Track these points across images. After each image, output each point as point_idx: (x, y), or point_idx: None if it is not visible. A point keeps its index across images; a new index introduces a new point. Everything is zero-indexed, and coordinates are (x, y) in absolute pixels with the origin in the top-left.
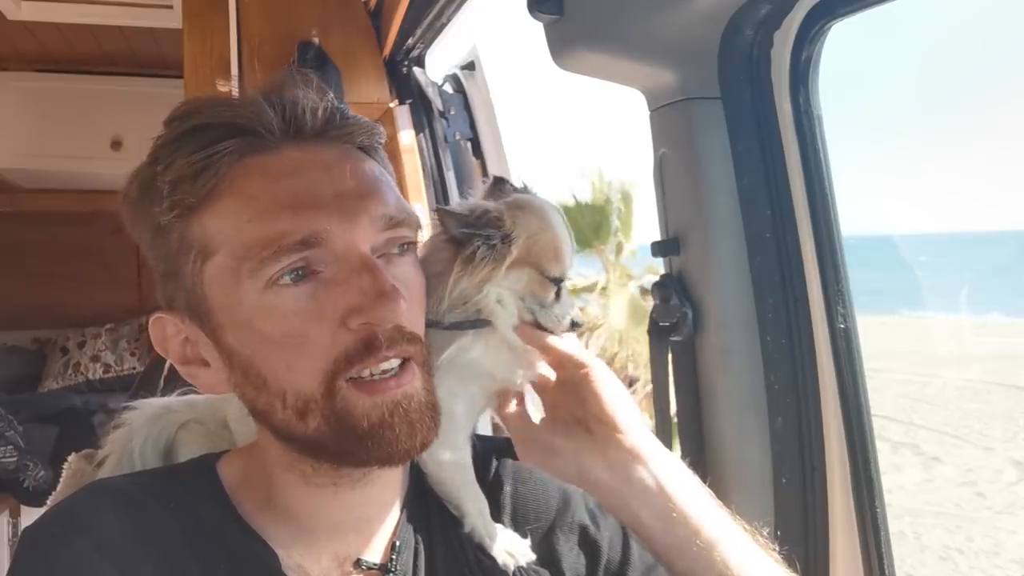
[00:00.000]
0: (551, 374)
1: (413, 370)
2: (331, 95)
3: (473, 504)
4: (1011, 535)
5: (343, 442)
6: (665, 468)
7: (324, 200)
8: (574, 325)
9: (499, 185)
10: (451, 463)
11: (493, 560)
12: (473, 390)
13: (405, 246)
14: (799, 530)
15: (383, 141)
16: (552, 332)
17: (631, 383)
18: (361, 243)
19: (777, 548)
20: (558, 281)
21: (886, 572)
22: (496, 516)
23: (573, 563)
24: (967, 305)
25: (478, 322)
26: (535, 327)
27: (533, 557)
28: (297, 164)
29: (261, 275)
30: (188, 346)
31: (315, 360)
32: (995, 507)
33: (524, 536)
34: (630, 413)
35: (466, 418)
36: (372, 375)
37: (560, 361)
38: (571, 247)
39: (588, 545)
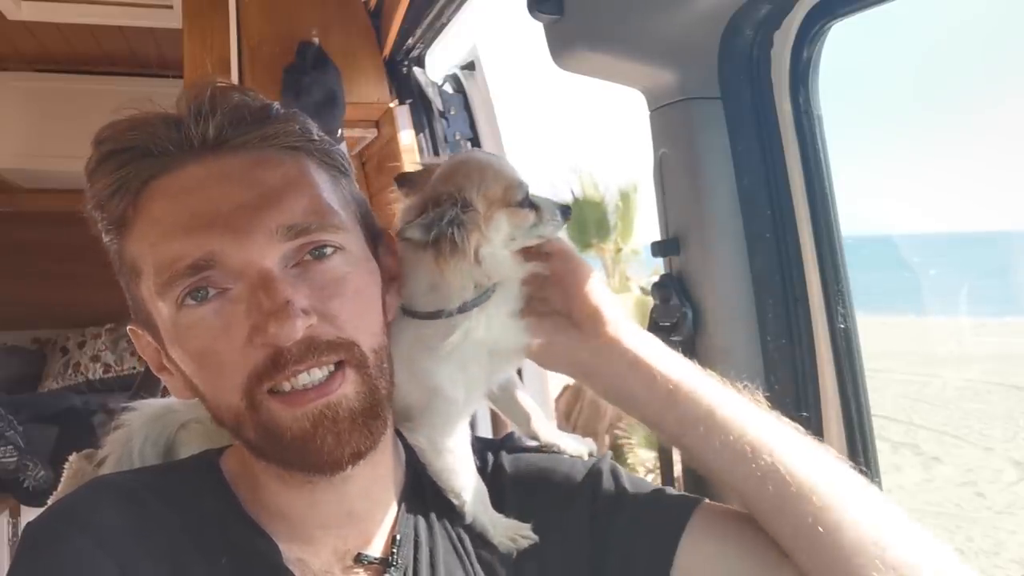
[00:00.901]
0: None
1: (343, 376)
2: (241, 99)
3: (473, 492)
4: (1011, 535)
5: (275, 451)
6: (643, 342)
7: (220, 216)
8: (566, 213)
9: (407, 181)
10: (451, 450)
11: (494, 548)
12: (474, 372)
13: (329, 249)
14: None
15: (312, 137)
16: (554, 237)
17: None
18: (259, 258)
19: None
20: (527, 199)
21: None
22: (500, 506)
23: (578, 529)
24: (967, 305)
25: (479, 298)
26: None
27: (536, 539)
28: (198, 181)
29: (168, 297)
30: (158, 354)
31: (231, 376)
32: (995, 507)
33: (530, 519)
34: (611, 305)
35: (467, 404)
36: (293, 387)
37: (553, 253)
38: (510, 164)
39: (594, 490)
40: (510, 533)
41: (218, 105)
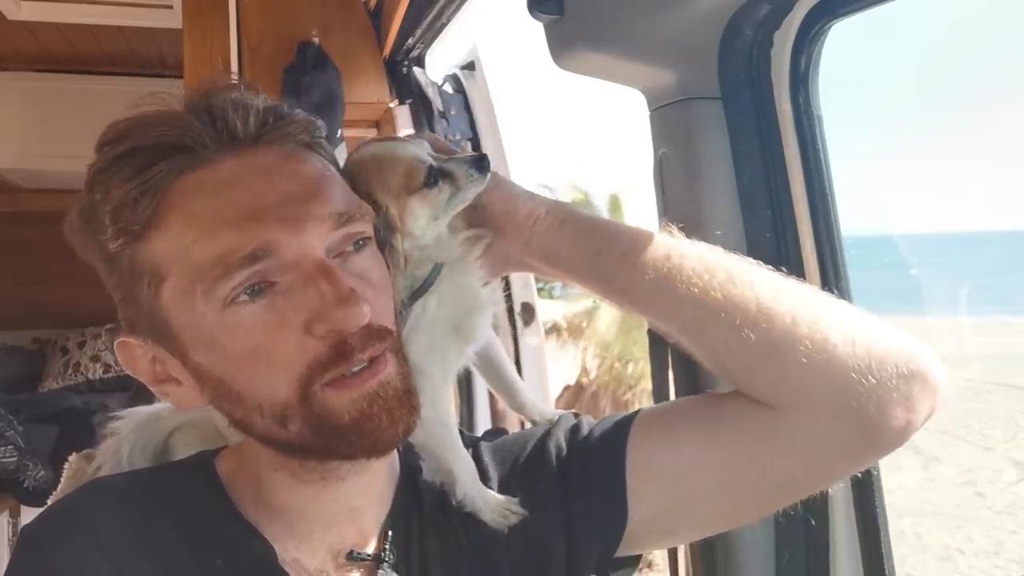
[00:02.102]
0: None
1: (385, 358)
2: (263, 96)
3: (462, 467)
4: (1011, 535)
5: (327, 441)
6: (557, 214)
7: (268, 209)
8: (481, 166)
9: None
10: (433, 422)
11: (486, 531)
12: (444, 346)
13: (361, 241)
14: (799, 530)
15: (324, 135)
16: (478, 193)
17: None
18: (313, 248)
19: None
20: (431, 175)
21: (886, 572)
22: (485, 485)
23: (549, 489)
24: (967, 305)
25: (424, 285)
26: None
27: (525, 512)
28: (236, 174)
29: (216, 295)
30: (157, 365)
31: (287, 370)
32: (995, 507)
33: (513, 493)
34: (521, 198)
35: (442, 375)
36: (345, 375)
37: None
38: (402, 145)
39: (557, 447)
40: (500, 510)
41: (257, 99)
